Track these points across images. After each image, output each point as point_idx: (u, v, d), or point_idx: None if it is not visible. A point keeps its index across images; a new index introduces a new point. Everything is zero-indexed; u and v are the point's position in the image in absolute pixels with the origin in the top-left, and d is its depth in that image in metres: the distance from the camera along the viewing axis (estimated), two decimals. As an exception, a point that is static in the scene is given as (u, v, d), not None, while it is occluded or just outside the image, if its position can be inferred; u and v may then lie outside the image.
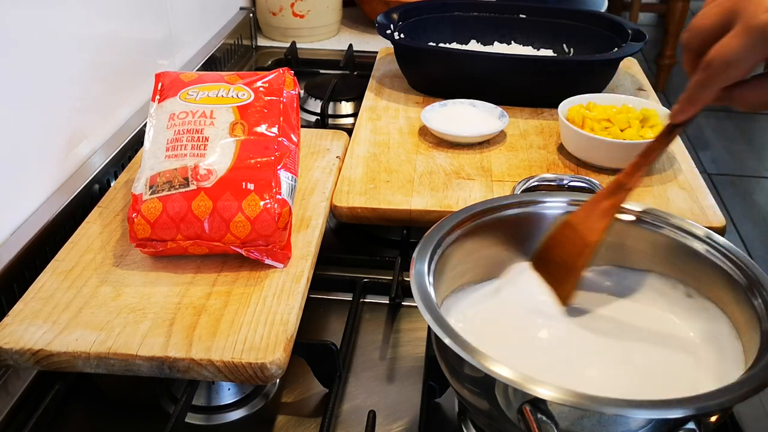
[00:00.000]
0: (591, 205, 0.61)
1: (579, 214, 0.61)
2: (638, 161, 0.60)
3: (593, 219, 0.60)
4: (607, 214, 0.60)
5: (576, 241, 0.60)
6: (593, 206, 0.61)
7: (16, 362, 0.58)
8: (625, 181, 0.60)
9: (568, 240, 0.61)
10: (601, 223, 0.59)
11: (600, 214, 0.60)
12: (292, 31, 1.43)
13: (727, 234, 0.74)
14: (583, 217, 0.61)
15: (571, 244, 0.60)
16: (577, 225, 0.60)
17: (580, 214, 0.61)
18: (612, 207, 0.60)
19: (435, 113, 0.98)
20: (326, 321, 0.75)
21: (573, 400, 0.45)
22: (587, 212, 0.61)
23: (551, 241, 0.62)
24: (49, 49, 0.78)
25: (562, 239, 0.61)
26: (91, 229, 0.73)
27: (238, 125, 0.69)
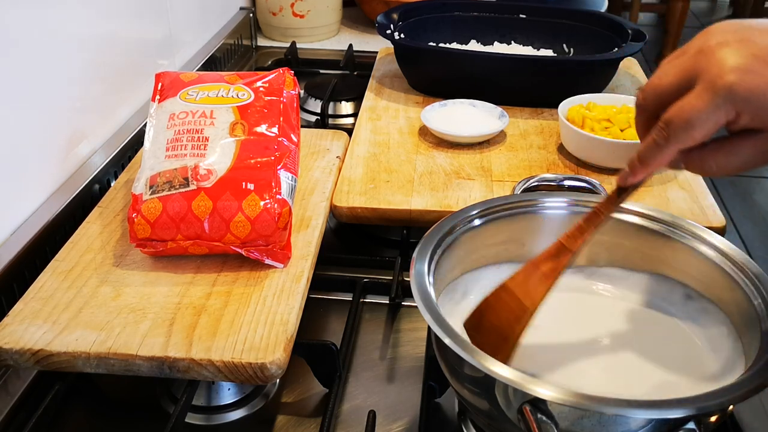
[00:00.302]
0: (530, 267, 0.57)
1: (517, 278, 0.57)
2: (581, 225, 0.56)
3: (532, 283, 0.56)
4: (547, 278, 0.56)
5: (512, 306, 0.56)
6: (533, 269, 0.56)
7: (16, 362, 0.58)
8: (568, 245, 0.56)
9: (503, 305, 0.56)
10: (541, 287, 0.55)
11: (539, 278, 0.56)
12: (292, 31, 1.43)
13: (727, 234, 0.74)
14: (521, 280, 0.56)
15: (506, 310, 0.56)
16: (514, 289, 0.56)
17: (518, 278, 0.57)
18: (552, 271, 0.56)
19: (435, 113, 0.98)
20: (326, 321, 0.75)
21: (573, 400, 0.45)
22: (526, 275, 0.56)
23: (485, 306, 0.57)
24: (49, 49, 0.78)
25: (497, 304, 0.57)
26: (91, 229, 0.73)
27: (238, 125, 0.69)
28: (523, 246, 0.67)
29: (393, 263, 0.77)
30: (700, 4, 4.87)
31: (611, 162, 0.88)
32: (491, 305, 0.57)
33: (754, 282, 0.56)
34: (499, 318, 0.56)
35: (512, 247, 0.67)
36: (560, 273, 0.56)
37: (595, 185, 0.81)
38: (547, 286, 0.55)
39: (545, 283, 0.56)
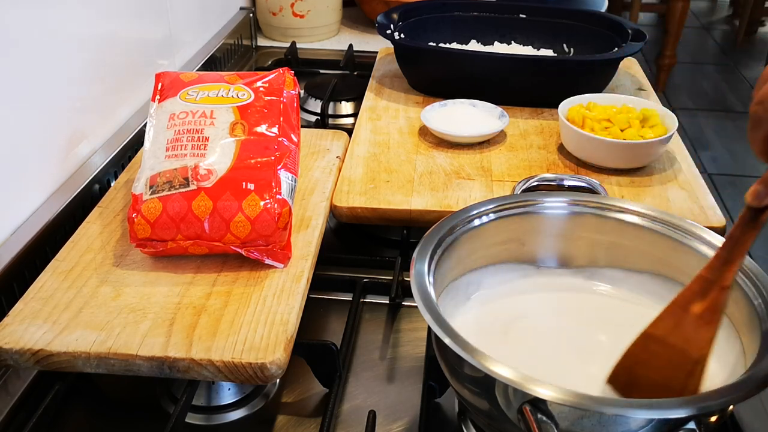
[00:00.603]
0: (677, 311, 0.51)
1: (664, 324, 0.52)
2: (720, 254, 0.52)
3: (689, 329, 0.50)
4: (708, 322, 0.50)
5: (675, 359, 0.50)
6: (681, 313, 0.51)
7: (16, 362, 0.58)
8: (713, 278, 0.51)
9: (659, 358, 0.51)
10: (704, 333, 0.50)
11: (697, 323, 0.50)
12: (292, 31, 1.43)
13: (727, 234, 0.74)
14: (672, 327, 0.51)
15: (667, 363, 0.51)
16: (667, 338, 0.51)
17: (665, 324, 0.52)
18: (710, 311, 0.50)
19: (435, 113, 0.98)
20: (326, 321, 0.75)
21: (573, 400, 0.45)
22: (676, 321, 0.51)
23: (632, 360, 0.53)
24: (49, 49, 0.78)
25: (649, 357, 0.52)
26: (91, 229, 0.73)
27: (238, 125, 0.69)
28: (523, 246, 0.67)
29: (393, 263, 0.77)
30: (700, 4, 4.87)
31: (611, 162, 0.88)
32: (641, 359, 0.52)
33: (754, 282, 0.56)
34: (660, 373, 0.51)
35: (512, 247, 0.67)
36: (721, 313, 0.50)
37: (595, 185, 0.81)
38: (712, 330, 0.50)
39: (709, 329, 0.50)
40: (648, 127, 0.90)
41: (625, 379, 0.53)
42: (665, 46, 3.48)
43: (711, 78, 3.76)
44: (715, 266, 0.51)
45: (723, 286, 0.50)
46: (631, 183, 0.87)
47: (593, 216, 0.66)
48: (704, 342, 0.50)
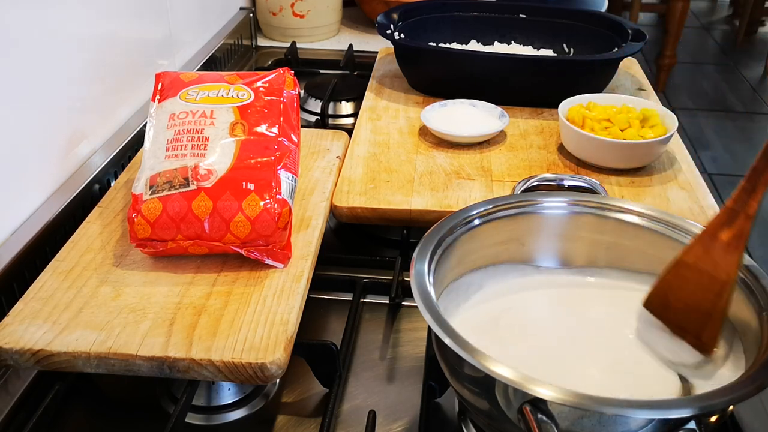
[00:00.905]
0: (706, 239, 0.56)
1: (694, 252, 0.56)
2: (744, 185, 0.55)
3: (717, 255, 0.55)
4: (735, 248, 0.54)
5: (704, 282, 0.55)
6: (710, 241, 0.56)
7: (17, 362, 0.58)
8: (738, 208, 0.55)
9: (690, 282, 0.56)
10: (731, 258, 0.54)
11: (725, 248, 0.55)
12: (292, 31, 1.43)
13: (727, 234, 0.74)
14: (702, 253, 0.56)
15: (698, 287, 0.56)
16: (698, 264, 0.56)
17: (696, 251, 0.56)
18: (736, 237, 0.55)
19: (435, 113, 0.98)
20: (326, 321, 0.75)
21: (573, 400, 0.45)
22: (705, 248, 0.56)
23: (666, 286, 0.58)
24: (49, 49, 0.78)
25: (682, 282, 0.57)
26: (91, 229, 0.73)
27: (239, 125, 0.69)
28: (523, 246, 0.67)
29: (393, 263, 0.77)
30: (700, 4, 4.87)
31: (611, 162, 0.88)
32: (674, 285, 0.57)
33: (754, 282, 0.56)
34: (693, 296, 0.56)
35: (512, 247, 0.67)
36: (746, 238, 0.54)
37: (595, 185, 0.81)
38: (738, 254, 0.55)
39: (735, 253, 0.55)
40: (648, 127, 0.90)
41: (659, 302, 0.59)
42: (665, 46, 3.48)
43: (711, 78, 3.76)
44: (740, 197, 0.55)
45: (747, 215, 0.54)
46: (631, 183, 0.87)
47: (593, 216, 0.66)
48: (731, 266, 0.54)
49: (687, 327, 0.57)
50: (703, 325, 0.56)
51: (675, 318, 0.58)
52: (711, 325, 0.56)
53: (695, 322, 0.57)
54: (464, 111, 1.00)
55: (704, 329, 0.56)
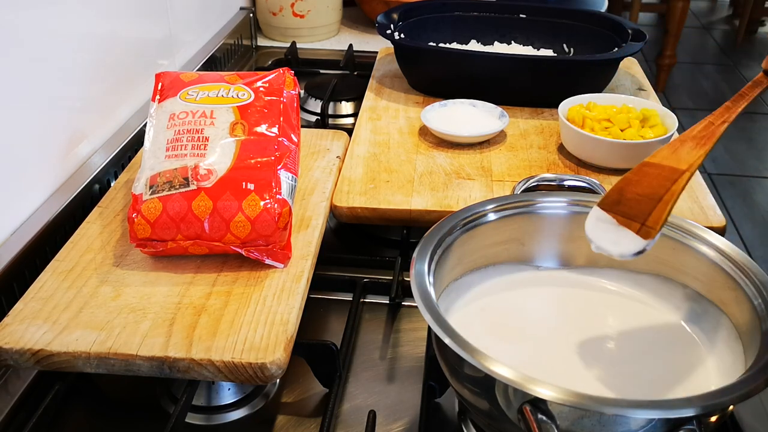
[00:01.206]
0: (676, 143, 0.56)
1: (661, 153, 0.57)
2: (728, 105, 0.57)
3: (684, 151, 0.55)
4: (702, 144, 0.55)
5: (664, 174, 0.55)
6: (679, 143, 0.56)
7: (17, 362, 0.58)
8: (715, 121, 0.56)
9: (650, 176, 0.56)
10: (697, 151, 0.55)
11: (691, 146, 0.55)
12: (292, 31, 1.43)
13: (727, 234, 0.74)
14: (667, 154, 0.56)
15: (656, 178, 0.56)
16: (662, 161, 0.56)
17: (662, 153, 0.57)
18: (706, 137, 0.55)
19: (435, 113, 0.98)
20: (326, 321, 0.75)
21: (573, 400, 0.45)
22: (672, 149, 0.56)
23: (624, 184, 0.57)
24: (49, 49, 0.78)
25: (641, 178, 0.56)
26: (91, 229, 0.73)
27: (239, 125, 0.69)
28: (523, 246, 0.67)
29: (393, 263, 0.77)
30: (700, 4, 4.87)
31: (611, 162, 0.88)
32: (633, 180, 0.57)
33: (754, 282, 0.56)
34: (649, 186, 0.56)
35: (512, 247, 0.67)
36: (715, 139, 0.55)
37: (595, 185, 0.81)
38: (703, 150, 0.55)
39: (701, 149, 0.55)
40: (648, 127, 0.90)
41: (613, 198, 0.57)
42: (665, 46, 3.48)
43: (711, 78, 3.76)
44: (721, 113, 0.57)
45: (724, 121, 0.56)
46: (631, 183, 0.87)
47: (593, 216, 0.66)
48: (694, 158, 0.54)
49: (635, 215, 0.56)
50: (651, 210, 0.55)
51: (625, 209, 0.56)
52: (659, 208, 0.54)
53: (644, 208, 0.55)
54: (464, 111, 1.00)
55: (651, 213, 0.54)
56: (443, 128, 0.94)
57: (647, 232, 0.55)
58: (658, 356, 0.59)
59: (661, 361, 0.58)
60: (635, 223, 0.56)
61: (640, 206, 0.55)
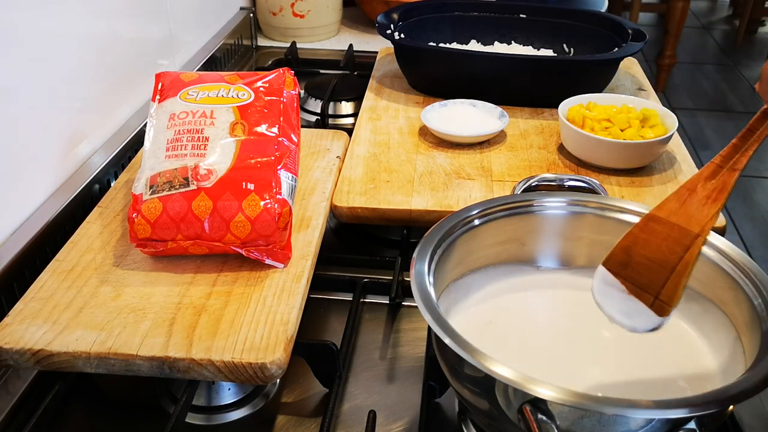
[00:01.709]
0: (684, 193, 0.51)
1: (668, 206, 0.52)
2: (735, 143, 0.51)
3: (694, 207, 0.50)
4: (714, 200, 0.50)
5: (674, 235, 0.50)
6: (688, 195, 0.51)
7: (17, 362, 0.58)
8: (723, 165, 0.51)
9: (659, 236, 0.51)
10: (707, 210, 0.50)
11: (702, 202, 0.50)
12: (292, 31, 1.43)
13: (727, 234, 0.74)
14: (676, 208, 0.51)
15: (666, 240, 0.51)
16: (670, 218, 0.51)
17: (669, 206, 0.52)
18: (718, 192, 0.50)
19: (435, 113, 0.98)
20: (326, 321, 0.75)
21: (573, 400, 0.45)
22: (680, 202, 0.51)
23: (632, 241, 0.52)
24: (49, 48, 0.78)
25: (649, 236, 0.51)
26: (92, 229, 0.73)
27: (239, 125, 0.69)
28: (523, 246, 0.67)
29: (393, 263, 0.77)
30: (700, 4, 4.87)
31: (611, 162, 0.88)
32: (640, 239, 0.52)
33: (754, 282, 0.56)
34: (658, 250, 0.51)
35: (512, 247, 0.67)
36: (728, 192, 0.50)
37: (595, 185, 0.81)
38: (715, 208, 0.50)
39: (713, 206, 0.50)
40: (648, 127, 0.90)
41: (620, 260, 0.53)
42: (665, 46, 3.48)
43: (711, 78, 3.76)
44: (729, 154, 0.51)
45: (734, 168, 0.50)
46: (631, 183, 0.87)
47: (593, 216, 0.66)
48: (706, 218, 0.50)
49: (646, 284, 0.51)
50: (664, 282, 0.50)
51: (634, 275, 0.52)
52: (673, 280, 0.50)
53: (656, 278, 0.51)
54: (464, 111, 1.00)
55: (665, 286, 0.50)
56: (443, 128, 0.94)
57: (662, 308, 0.51)
58: (658, 356, 0.59)
59: (661, 361, 0.58)
60: (647, 294, 0.52)
61: (651, 275, 0.51)
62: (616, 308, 0.53)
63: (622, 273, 0.53)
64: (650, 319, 0.52)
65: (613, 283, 0.54)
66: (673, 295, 0.50)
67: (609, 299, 0.54)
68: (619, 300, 0.53)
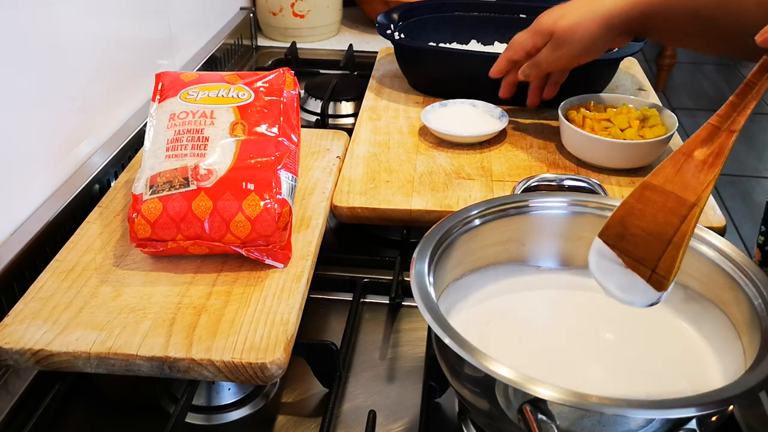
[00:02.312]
0: (679, 158, 0.49)
1: (664, 173, 0.49)
2: (734, 101, 0.49)
3: (690, 174, 0.48)
4: (710, 166, 0.47)
5: (669, 205, 0.48)
6: (683, 159, 0.49)
7: (17, 362, 0.58)
8: (721, 125, 0.48)
9: (655, 205, 0.49)
10: (703, 177, 0.47)
11: (698, 168, 0.48)
12: (292, 31, 1.43)
13: (727, 234, 0.74)
14: (671, 175, 0.49)
15: (662, 210, 0.49)
16: (665, 185, 0.49)
17: (664, 173, 0.49)
18: (715, 157, 0.47)
19: (435, 113, 0.98)
20: (326, 321, 0.75)
21: (573, 400, 0.45)
22: (676, 168, 0.49)
23: (627, 211, 0.51)
24: (49, 49, 0.78)
25: (645, 206, 0.50)
26: (92, 229, 0.73)
27: (239, 125, 0.69)
28: (523, 246, 0.67)
29: (393, 263, 0.77)
30: (700, 4, 4.86)
31: (611, 162, 0.88)
32: (636, 209, 0.50)
33: (754, 282, 0.56)
34: (654, 221, 0.49)
35: (512, 247, 0.67)
36: (725, 157, 0.47)
37: (595, 185, 0.81)
38: (712, 174, 0.48)
39: (709, 172, 0.48)
40: (648, 127, 0.90)
41: (615, 230, 0.51)
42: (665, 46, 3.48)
43: (711, 78, 3.76)
44: (727, 113, 0.49)
45: (731, 130, 0.48)
46: (631, 183, 0.87)
47: (593, 216, 0.66)
48: (703, 185, 0.48)
49: (643, 257, 0.50)
50: (661, 254, 0.49)
51: (631, 248, 0.51)
52: (670, 252, 0.48)
53: (653, 250, 0.49)
54: (464, 111, 1.00)
55: (662, 259, 0.48)
56: (443, 128, 0.94)
57: (659, 282, 0.50)
58: (658, 356, 0.59)
59: (661, 362, 0.58)
60: (644, 267, 0.50)
61: (648, 246, 0.50)
62: (613, 282, 0.52)
63: (618, 245, 0.51)
64: (648, 294, 0.50)
65: (609, 256, 0.52)
66: (671, 268, 0.49)
67: (606, 273, 0.53)
68: (617, 273, 0.52)
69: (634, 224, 0.50)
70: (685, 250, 0.48)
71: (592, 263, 0.54)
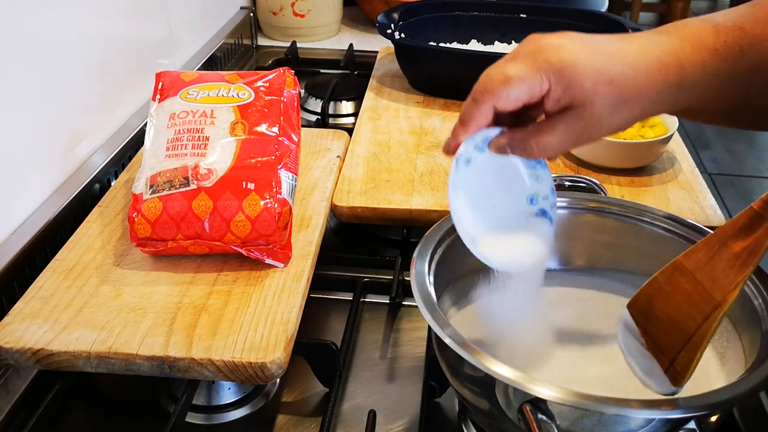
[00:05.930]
0: (715, 243, 0.47)
1: (696, 257, 0.48)
2: None
3: (720, 268, 0.46)
4: (742, 263, 0.45)
5: (695, 298, 0.47)
6: (719, 247, 0.46)
7: (17, 361, 0.58)
8: (763, 213, 0.45)
9: (682, 293, 0.48)
10: (734, 275, 0.45)
11: (730, 262, 0.46)
12: (293, 30, 1.43)
13: (727, 234, 0.74)
14: (704, 262, 0.47)
15: (687, 300, 0.47)
16: (696, 273, 0.47)
17: (698, 257, 0.47)
18: (749, 254, 0.45)
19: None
20: (326, 320, 0.75)
21: (573, 400, 0.45)
22: (709, 255, 0.47)
23: (656, 290, 0.50)
24: (49, 48, 0.78)
25: (672, 290, 0.48)
26: (92, 228, 0.73)
27: (239, 125, 0.70)
28: (524, 246, 0.67)
29: (393, 263, 0.77)
30: (700, 4, 4.86)
31: (611, 162, 0.88)
32: (664, 291, 0.49)
33: (754, 282, 0.56)
34: (678, 310, 0.48)
35: (512, 246, 0.66)
36: (760, 257, 0.45)
37: (595, 185, 0.81)
38: (742, 275, 0.45)
39: (740, 272, 0.45)
40: (648, 127, 0.90)
41: (643, 307, 0.51)
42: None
43: (711, 78, 3.75)
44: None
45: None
46: (631, 183, 0.87)
47: (593, 216, 0.66)
48: (732, 285, 0.46)
49: (664, 345, 0.49)
50: (679, 349, 0.48)
51: (654, 331, 0.50)
52: (688, 350, 0.48)
53: (674, 341, 0.49)
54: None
55: (680, 354, 0.47)
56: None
57: (675, 377, 0.49)
58: (658, 356, 0.59)
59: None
60: (663, 357, 0.50)
61: (669, 336, 0.49)
62: (636, 361, 0.52)
63: (644, 324, 0.51)
64: (665, 385, 0.50)
65: (635, 333, 0.52)
66: (688, 366, 0.48)
67: (630, 350, 0.52)
68: (639, 354, 0.52)
69: (660, 308, 0.50)
70: (703, 351, 0.47)
71: (619, 335, 0.53)
